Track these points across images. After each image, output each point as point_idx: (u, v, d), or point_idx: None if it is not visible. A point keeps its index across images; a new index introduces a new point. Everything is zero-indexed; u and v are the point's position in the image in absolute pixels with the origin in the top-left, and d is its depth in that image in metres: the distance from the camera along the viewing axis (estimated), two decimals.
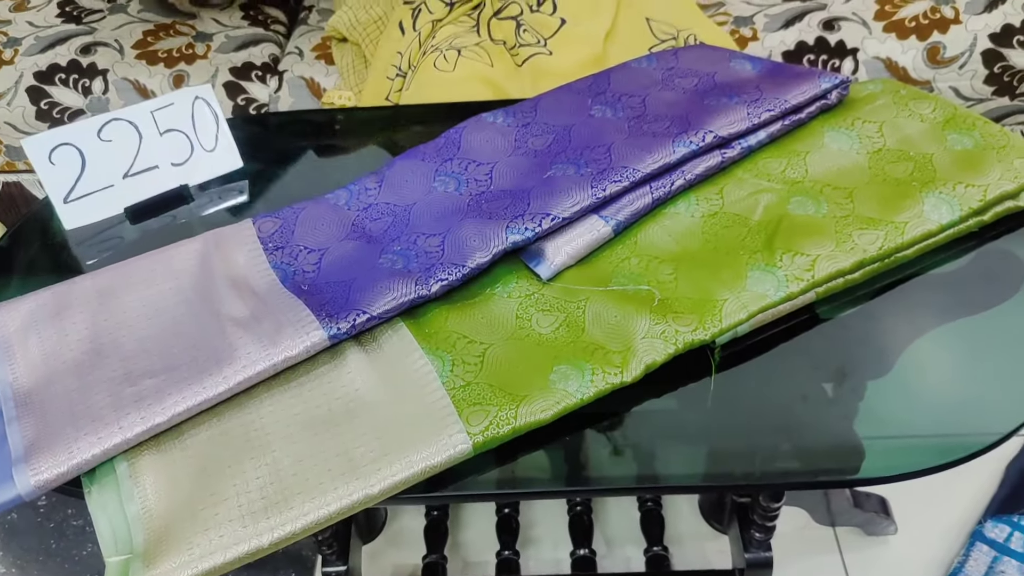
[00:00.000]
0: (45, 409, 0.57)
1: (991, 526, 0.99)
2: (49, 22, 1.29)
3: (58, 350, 0.61)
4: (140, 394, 0.56)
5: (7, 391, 0.59)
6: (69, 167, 0.75)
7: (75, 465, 0.53)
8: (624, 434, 0.57)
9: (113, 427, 0.54)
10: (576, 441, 0.57)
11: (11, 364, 0.61)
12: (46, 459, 0.53)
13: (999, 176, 0.67)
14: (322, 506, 0.52)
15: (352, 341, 0.61)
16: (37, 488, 0.53)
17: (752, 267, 0.62)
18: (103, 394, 0.57)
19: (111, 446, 0.54)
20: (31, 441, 0.55)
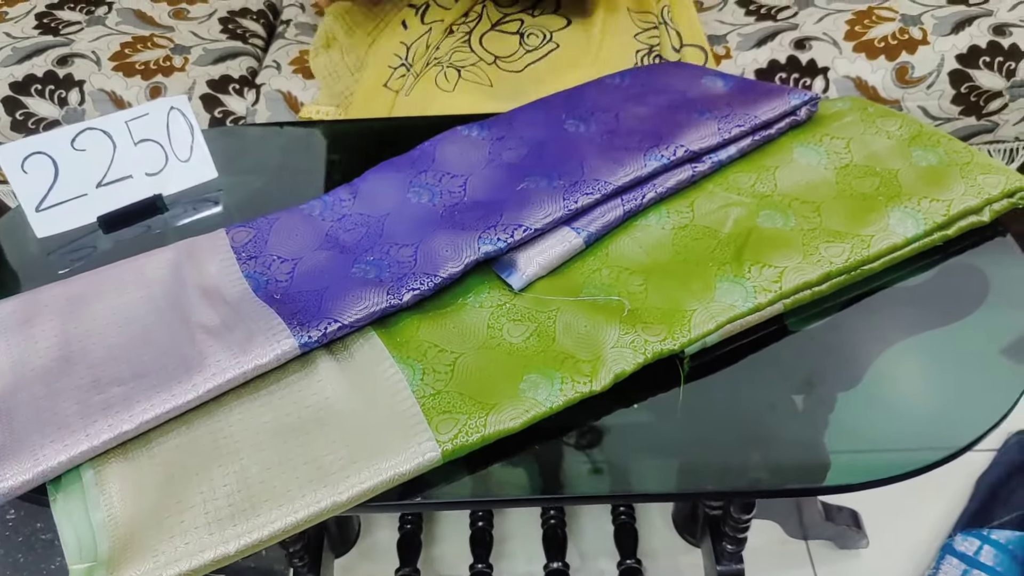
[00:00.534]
0: (12, 416, 0.56)
1: (961, 539, 1.00)
2: (26, 33, 1.29)
3: (26, 357, 0.61)
4: (108, 401, 0.56)
5: None
6: (42, 176, 0.75)
7: (40, 472, 0.53)
8: (594, 443, 0.58)
9: (80, 434, 0.54)
10: (546, 450, 0.57)
11: None
12: (11, 466, 0.53)
13: (963, 191, 0.68)
14: (289, 513, 0.52)
15: (323, 350, 0.61)
16: (2, 495, 0.52)
17: (721, 278, 0.63)
18: (70, 401, 0.57)
19: (77, 453, 0.54)
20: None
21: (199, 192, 0.80)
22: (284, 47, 1.31)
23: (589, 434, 0.58)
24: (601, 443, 0.58)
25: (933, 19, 1.13)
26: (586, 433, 0.58)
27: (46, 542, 1.14)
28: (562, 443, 0.58)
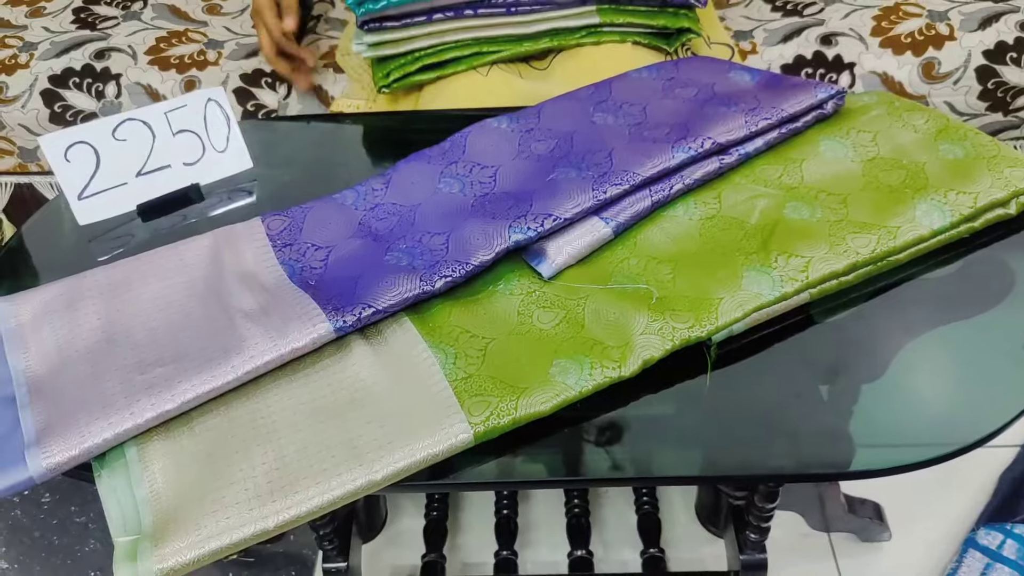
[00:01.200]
0: (57, 395, 0.58)
1: (984, 533, 1.00)
2: (64, 28, 1.32)
3: (71, 339, 0.63)
4: (151, 381, 0.58)
5: (21, 378, 0.60)
6: (84, 165, 0.77)
7: (86, 449, 0.55)
8: (621, 428, 0.59)
9: (124, 413, 0.56)
10: (575, 434, 0.59)
11: (25, 353, 0.63)
12: (58, 443, 0.55)
13: (989, 184, 0.69)
14: (326, 491, 0.54)
15: (357, 334, 0.63)
16: (49, 470, 0.54)
17: (748, 268, 0.64)
18: (115, 381, 0.59)
19: (122, 431, 0.55)
20: (43, 425, 0.56)
21: (234, 182, 0.82)
22: (315, 42, 1.32)
23: (617, 419, 0.59)
24: (629, 428, 0.59)
25: (960, 15, 1.13)
26: (614, 418, 0.59)
27: (80, 525, 1.16)
28: (590, 427, 0.59)
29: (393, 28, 0.92)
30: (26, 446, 0.55)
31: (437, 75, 0.95)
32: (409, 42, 0.93)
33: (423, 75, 0.96)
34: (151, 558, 0.51)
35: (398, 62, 0.96)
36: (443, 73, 0.95)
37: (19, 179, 1.33)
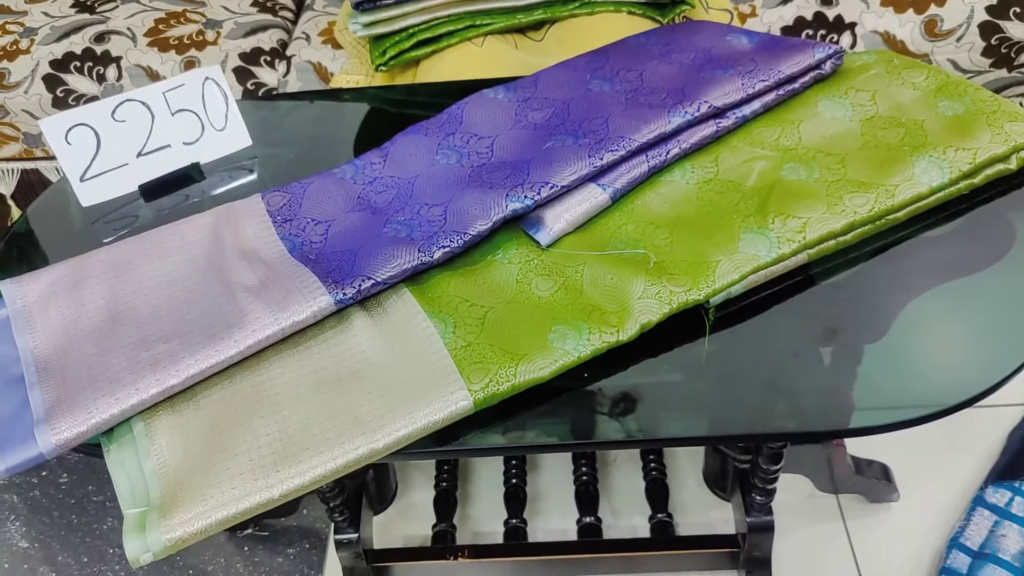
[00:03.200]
0: (65, 374, 0.59)
1: (992, 491, 1.01)
2: (64, 12, 1.32)
3: (76, 318, 0.64)
4: (155, 358, 0.59)
5: (28, 358, 0.61)
6: (85, 147, 0.77)
7: (94, 424, 0.56)
8: (621, 391, 0.59)
9: (130, 389, 0.57)
10: (578, 399, 0.59)
11: (32, 333, 0.63)
12: (67, 419, 0.56)
13: (989, 140, 0.68)
14: (329, 460, 0.54)
15: (358, 306, 0.63)
16: (58, 446, 0.55)
17: (745, 230, 0.64)
18: (120, 359, 0.59)
19: (128, 407, 0.56)
20: (52, 403, 0.57)
21: (234, 160, 0.83)
22: (313, 19, 1.32)
23: (620, 384, 0.60)
24: (628, 392, 0.59)
25: None
26: (617, 383, 0.60)
27: (98, 504, 1.18)
28: (590, 392, 0.59)
29: (387, 6, 0.92)
30: (35, 423, 0.56)
31: (432, 49, 0.95)
32: (403, 19, 0.92)
33: (418, 50, 0.95)
34: (159, 528, 0.52)
35: (392, 39, 0.96)
36: (438, 47, 0.95)
37: (25, 165, 1.34)
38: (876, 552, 1.02)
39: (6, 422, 0.58)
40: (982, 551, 0.95)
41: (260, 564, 1.10)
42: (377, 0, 0.92)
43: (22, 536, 1.16)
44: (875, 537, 1.03)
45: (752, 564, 0.94)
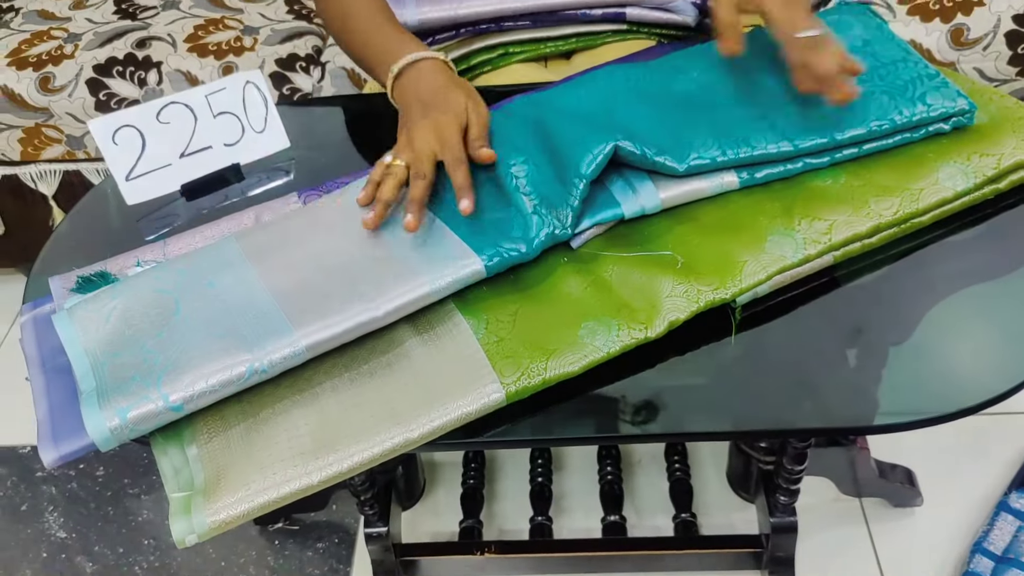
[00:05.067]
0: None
1: (1016, 497, 1.01)
2: (106, 19, 1.36)
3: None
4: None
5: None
6: (130, 147, 0.80)
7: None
8: (649, 388, 0.61)
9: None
10: (603, 393, 0.61)
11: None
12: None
13: (1013, 146, 0.69)
14: (366, 448, 0.56)
15: None
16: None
17: (771, 232, 0.66)
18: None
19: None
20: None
21: (273, 161, 0.85)
22: None
23: (645, 379, 0.61)
24: (656, 387, 0.61)
25: None
26: (642, 378, 0.61)
27: (133, 496, 1.21)
28: (618, 387, 0.61)
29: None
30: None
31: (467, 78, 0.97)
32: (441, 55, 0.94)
33: None
34: (204, 511, 0.55)
35: None
36: (472, 75, 0.97)
37: (67, 166, 1.38)
38: (899, 556, 1.02)
39: (57, 412, 0.61)
40: (1005, 556, 0.95)
41: (291, 557, 1.12)
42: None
43: (60, 527, 1.19)
44: (898, 541, 1.04)
45: (775, 564, 0.95)
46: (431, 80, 0.76)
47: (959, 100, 0.71)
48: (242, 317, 0.62)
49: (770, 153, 0.69)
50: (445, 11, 0.91)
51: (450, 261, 0.63)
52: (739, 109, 0.73)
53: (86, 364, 0.61)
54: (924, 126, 0.71)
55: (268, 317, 0.61)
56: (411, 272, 0.63)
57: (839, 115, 0.70)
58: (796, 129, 0.70)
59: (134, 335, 0.62)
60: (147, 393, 0.57)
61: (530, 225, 0.66)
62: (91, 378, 0.59)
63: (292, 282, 0.64)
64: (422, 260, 0.64)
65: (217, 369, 0.58)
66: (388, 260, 0.64)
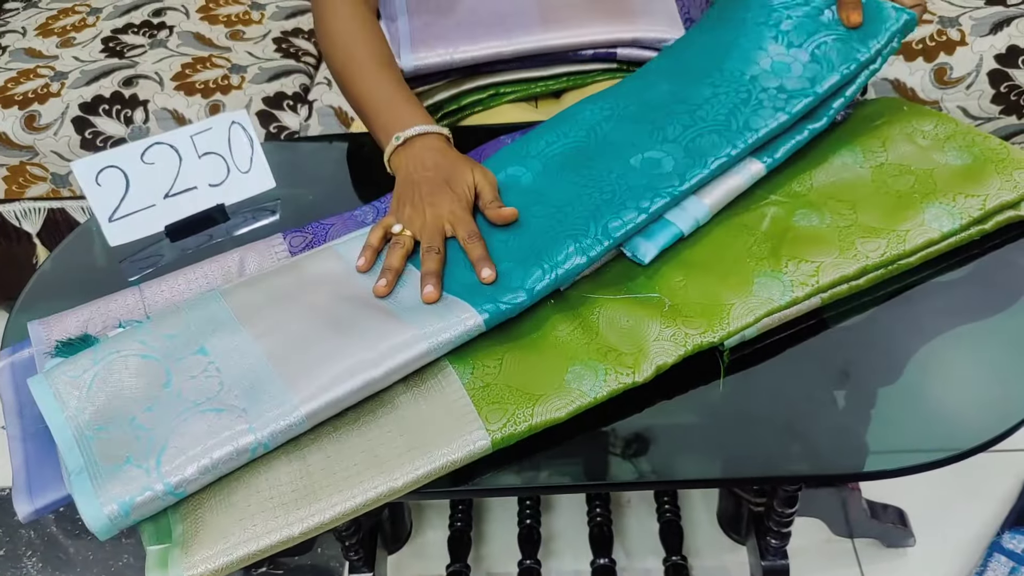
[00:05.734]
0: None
1: (1009, 537, 1.00)
2: (94, 57, 1.36)
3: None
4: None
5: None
6: (114, 188, 0.79)
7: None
8: (637, 433, 0.60)
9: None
10: (594, 439, 0.60)
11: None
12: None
13: (998, 187, 0.70)
14: (349, 498, 0.55)
15: None
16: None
17: (759, 274, 0.65)
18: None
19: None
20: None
21: (259, 201, 0.85)
22: None
23: (635, 425, 0.61)
24: (644, 433, 0.60)
25: (971, 20, 1.14)
26: (633, 424, 0.61)
27: (113, 540, 1.19)
28: (606, 433, 0.60)
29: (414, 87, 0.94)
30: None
31: (459, 117, 0.97)
32: (431, 96, 0.95)
33: (445, 120, 0.98)
34: (181, 565, 0.53)
35: None
36: (462, 115, 0.97)
37: (52, 204, 1.38)
38: None
39: (33, 463, 0.59)
40: None
41: None
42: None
43: (38, 572, 1.17)
44: None
45: None
46: (436, 156, 0.76)
47: (894, 13, 0.75)
48: (239, 387, 0.59)
49: (772, 128, 0.72)
50: (440, 57, 0.91)
51: (447, 316, 0.62)
52: (724, 102, 0.75)
53: (69, 436, 0.58)
54: (881, 53, 0.75)
55: (266, 385, 0.59)
56: (408, 330, 0.61)
57: (812, 74, 0.74)
58: (782, 100, 0.73)
59: (121, 407, 0.59)
60: (147, 480, 0.54)
61: (530, 275, 0.65)
62: (77, 453, 0.56)
63: (287, 345, 0.62)
64: (419, 318, 0.62)
65: (219, 448, 0.55)
66: (383, 318, 0.63)
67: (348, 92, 0.86)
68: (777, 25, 0.78)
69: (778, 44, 0.77)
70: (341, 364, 0.59)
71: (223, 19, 1.45)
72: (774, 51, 0.77)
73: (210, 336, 0.63)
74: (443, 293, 0.65)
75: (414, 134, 0.77)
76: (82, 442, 0.57)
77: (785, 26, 0.77)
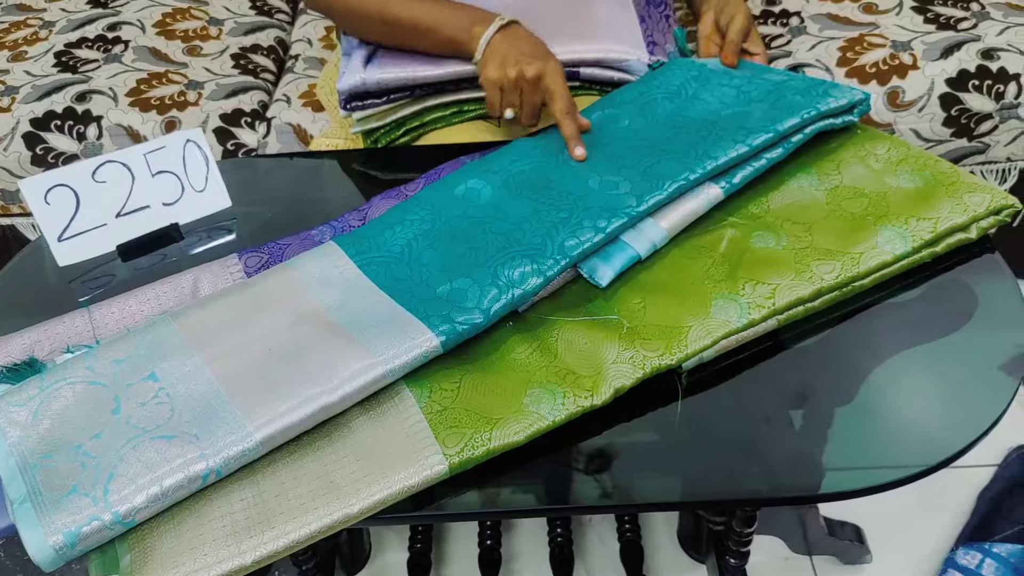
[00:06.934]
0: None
1: (963, 553, 1.01)
2: (46, 71, 1.33)
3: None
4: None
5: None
6: (64, 207, 0.78)
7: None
8: (596, 456, 0.60)
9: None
10: (550, 463, 0.60)
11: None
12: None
13: (949, 210, 0.71)
14: (303, 525, 0.54)
15: None
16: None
17: (716, 296, 0.66)
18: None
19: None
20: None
21: (214, 220, 0.83)
22: (294, 81, 1.35)
23: (591, 447, 0.60)
24: (603, 456, 0.60)
25: (923, 44, 1.17)
26: (588, 446, 0.60)
27: (61, 569, 1.16)
28: (565, 456, 0.60)
29: (377, 104, 0.94)
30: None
31: (420, 133, 0.97)
32: (394, 112, 0.95)
33: (407, 136, 0.98)
34: None
35: (384, 130, 0.98)
36: (425, 131, 0.97)
37: (1, 220, 1.34)
38: None
39: None
40: None
41: None
42: (366, 100, 0.94)
43: None
44: None
45: None
46: (528, 37, 0.85)
47: (855, 92, 0.80)
48: (190, 413, 0.58)
49: (731, 157, 0.73)
50: (405, 72, 0.91)
51: (403, 340, 0.61)
52: (685, 139, 0.77)
53: (12, 465, 0.56)
54: (841, 113, 0.79)
55: (218, 411, 0.58)
56: (365, 356, 0.60)
57: (775, 113, 0.77)
58: (742, 135, 0.75)
59: (68, 435, 0.57)
60: (94, 510, 0.53)
61: (486, 294, 0.65)
62: (20, 483, 0.55)
63: (240, 369, 0.61)
64: (374, 340, 0.61)
65: (170, 476, 0.54)
66: (338, 341, 0.62)
67: (394, 18, 0.89)
68: (740, 87, 0.84)
69: (740, 100, 0.82)
70: (296, 389, 0.58)
71: (180, 34, 1.43)
72: (736, 104, 0.81)
73: (160, 361, 0.62)
74: (399, 309, 0.65)
75: (505, 22, 0.85)
76: (26, 471, 0.55)
77: (747, 87, 0.84)
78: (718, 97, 0.83)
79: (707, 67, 0.88)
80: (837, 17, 1.25)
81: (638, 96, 0.86)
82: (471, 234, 0.71)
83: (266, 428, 0.56)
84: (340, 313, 0.65)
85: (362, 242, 0.72)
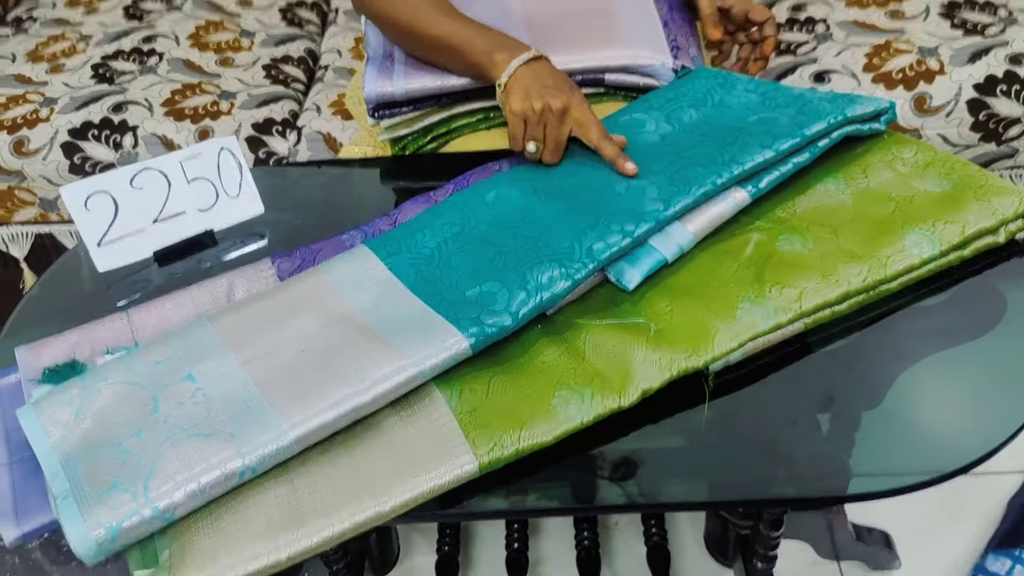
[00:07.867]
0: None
1: (993, 559, 1.01)
2: (83, 83, 1.37)
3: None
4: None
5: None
6: (103, 213, 0.80)
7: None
8: (623, 456, 0.61)
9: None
10: (578, 462, 0.60)
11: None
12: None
13: (977, 213, 0.71)
14: (336, 522, 0.55)
15: None
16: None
17: (743, 299, 0.66)
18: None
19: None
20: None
21: (248, 226, 0.85)
22: (323, 91, 1.37)
23: (619, 448, 0.61)
24: (630, 457, 0.61)
25: (950, 50, 1.16)
26: (615, 447, 0.61)
27: (98, 565, 1.18)
28: (592, 457, 0.61)
29: (404, 112, 0.95)
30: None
31: (447, 140, 0.98)
32: (422, 119, 0.96)
33: (435, 143, 0.99)
34: None
35: (412, 137, 0.99)
36: (451, 138, 0.98)
37: (40, 228, 1.37)
38: None
39: (20, 487, 0.59)
40: None
41: None
42: (395, 109, 0.95)
43: None
44: None
45: None
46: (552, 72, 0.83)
47: (881, 101, 0.80)
48: (226, 412, 0.59)
49: (758, 163, 0.74)
50: (432, 81, 0.92)
51: (434, 341, 0.62)
52: (712, 145, 0.78)
53: (55, 463, 0.57)
54: (867, 120, 0.80)
55: (253, 411, 0.59)
56: (397, 355, 0.61)
57: (801, 119, 0.77)
58: (769, 139, 0.75)
59: (108, 433, 0.59)
60: (134, 505, 0.54)
61: (515, 298, 0.66)
62: (63, 479, 0.56)
63: (275, 370, 0.62)
64: (406, 342, 0.62)
65: (207, 473, 0.55)
66: (370, 343, 0.63)
67: (423, 36, 0.89)
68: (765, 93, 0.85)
69: (767, 106, 0.83)
70: (329, 390, 0.59)
71: (213, 46, 1.47)
72: (762, 110, 0.82)
73: (197, 363, 0.63)
74: (429, 311, 0.66)
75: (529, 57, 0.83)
76: (68, 468, 0.57)
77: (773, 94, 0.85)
78: (744, 103, 0.84)
79: (732, 75, 0.89)
80: (863, 24, 1.26)
81: (664, 103, 0.87)
82: (500, 238, 0.72)
83: (300, 427, 0.58)
84: (372, 315, 0.66)
85: (392, 244, 0.73)
